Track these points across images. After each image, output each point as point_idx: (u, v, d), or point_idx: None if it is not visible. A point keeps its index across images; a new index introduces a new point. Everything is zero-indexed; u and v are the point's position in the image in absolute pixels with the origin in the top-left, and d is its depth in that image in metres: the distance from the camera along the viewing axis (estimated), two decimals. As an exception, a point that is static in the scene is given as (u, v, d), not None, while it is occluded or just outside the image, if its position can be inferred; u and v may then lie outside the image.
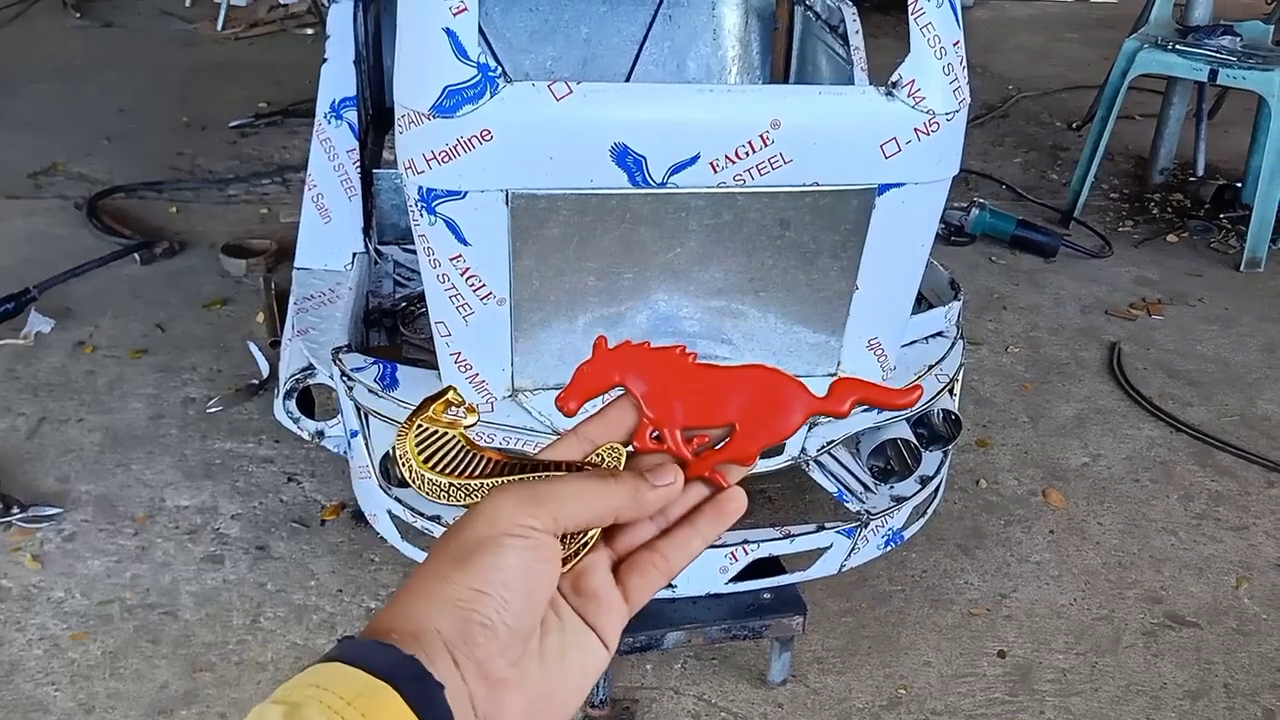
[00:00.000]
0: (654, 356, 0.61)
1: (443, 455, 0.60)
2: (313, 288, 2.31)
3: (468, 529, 0.54)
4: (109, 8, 6.38)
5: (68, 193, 3.92)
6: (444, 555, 0.54)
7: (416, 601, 0.53)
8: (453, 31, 1.57)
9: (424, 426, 0.60)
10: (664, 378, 0.61)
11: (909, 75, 1.70)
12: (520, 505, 0.54)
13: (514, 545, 0.53)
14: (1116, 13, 7.16)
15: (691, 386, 0.61)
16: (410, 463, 0.59)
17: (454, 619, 0.51)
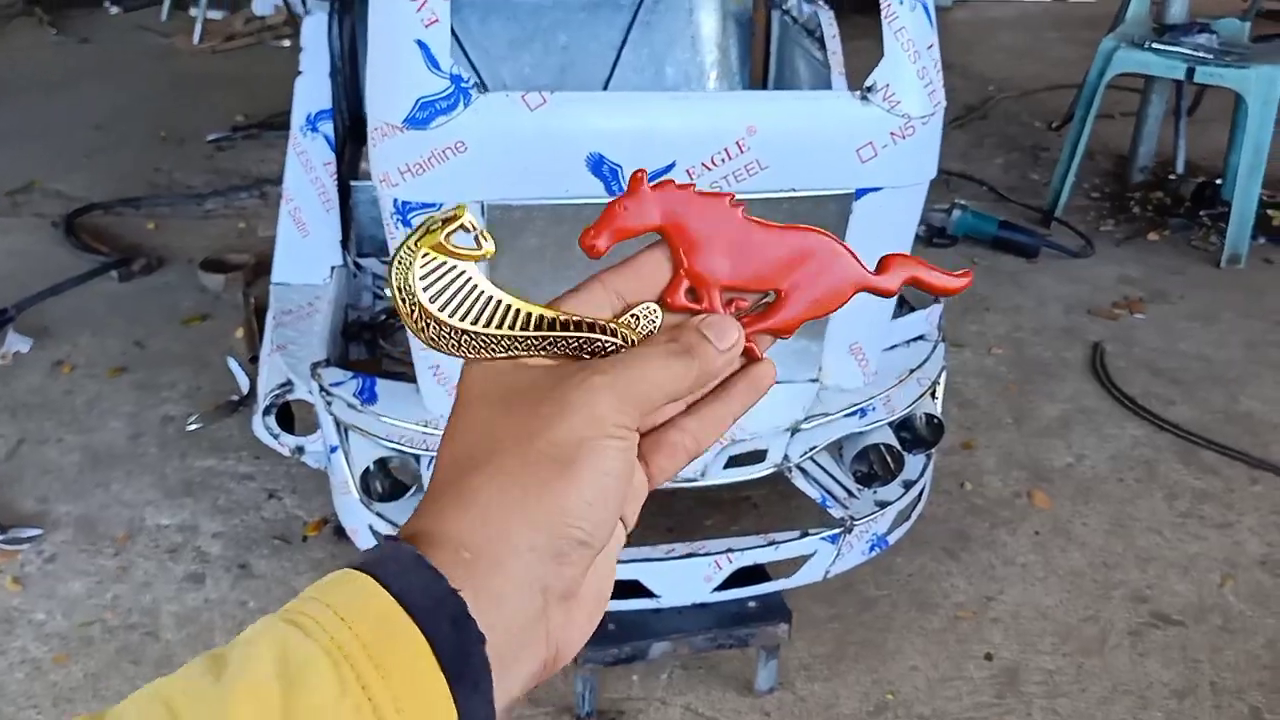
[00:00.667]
0: (701, 202, 0.53)
1: (452, 295, 0.48)
2: (291, 302, 2.30)
3: (562, 425, 0.46)
4: (85, 23, 6.36)
5: (45, 210, 3.89)
6: (533, 452, 0.45)
7: (502, 510, 0.44)
8: (424, 43, 1.56)
9: (431, 256, 0.48)
10: (709, 227, 0.53)
11: (884, 80, 1.70)
12: (621, 402, 0.46)
13: (617, 449, 0.46)
14: (1096, 11, 7.18)
15: (738, 241, 0.53)
16: (414, 301, 0.48)
17: (552, 536, 0.44)
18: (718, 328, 0.51)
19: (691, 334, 0.51)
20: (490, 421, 0.48)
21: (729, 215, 0.53)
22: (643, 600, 1.92)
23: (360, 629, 0.39)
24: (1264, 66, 3.67)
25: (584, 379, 0.47)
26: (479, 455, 0.46)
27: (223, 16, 6.32)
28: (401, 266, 0.48)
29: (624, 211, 0.52)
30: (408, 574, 0.41)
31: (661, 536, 2.24)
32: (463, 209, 0.48)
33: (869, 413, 2.04)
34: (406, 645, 0.39)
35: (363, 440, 1.94)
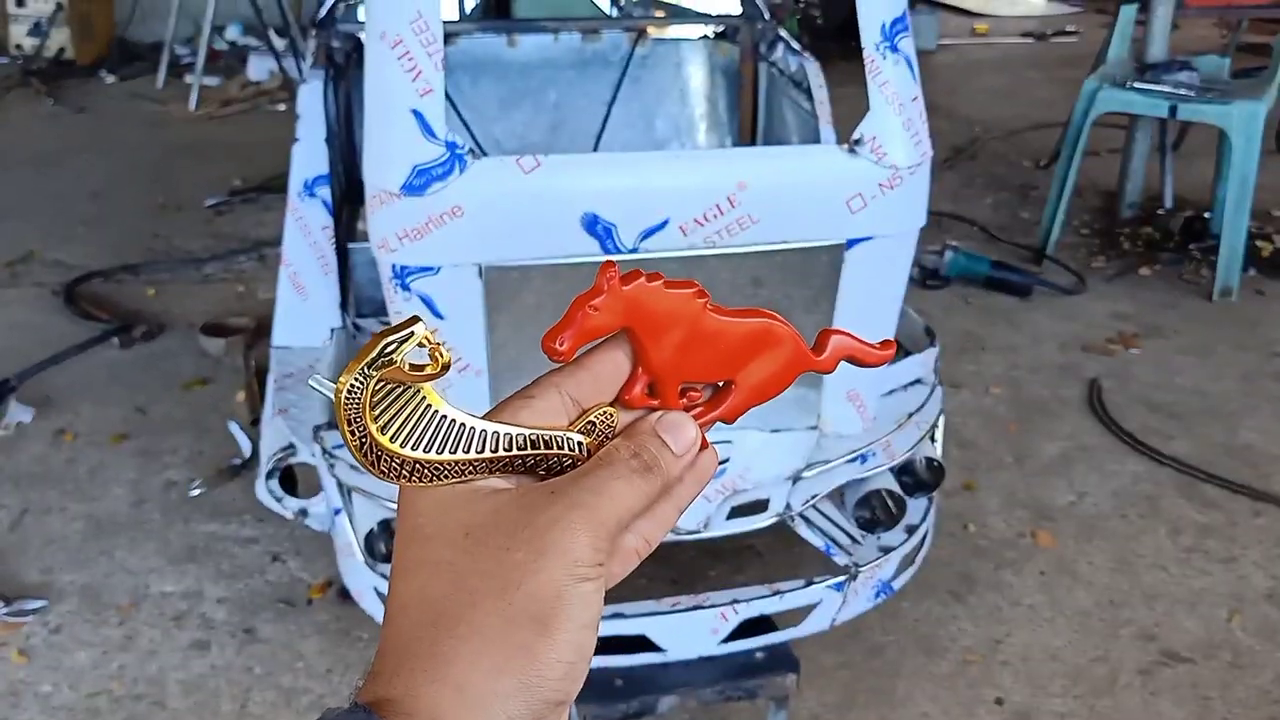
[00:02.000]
0: (667, 297, 0.51)
1: (404, 423, 0.46)
2: (291, 365, 2.31)
3: (540, 575, 0.43)
4: (81, 93, 6.44)
5: (45, 280, 3.92)
6: (510, 609, 0.43)
7: (479, 678, 0.42)
8: (419, 112, 1.59)
9: (384, 384, 0.45)
10: (671, 321, 0.51)
11: (870, 132, 1.73)
12: (596, 538, 0.44)
13: (594, 590, 0.44)
14: (1075, 51, 7.30)
15: (697, 332, 0.51)
16: (364, 434, 0.45)
17: (531, 702, 0.42)
18: (675, 430, 0.50)
19: (651, 442, 0.49)
20: (456, 566, 0.45)
21: (696, 309, 0.51)
22: (649, 655, 1.92)
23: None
24: (1245, 102, 3.72)
25: (558, 516, 0.45)
26: (451, 610, 0.44)
27: (218, 83, 6.40)
28: (353, 397, 0.45)
29: (593, 314, 0.50)
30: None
31: (666, 589, 2.24)
32: (418, 321, 0.45)
33: (869, 458, 2.05)
34: None
35: (366, 502, 1.95)
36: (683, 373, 0.52)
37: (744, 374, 0.53)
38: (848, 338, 0.55)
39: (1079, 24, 8.33)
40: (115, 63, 6.85)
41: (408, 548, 0.46)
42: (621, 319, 0.50)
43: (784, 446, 1.99)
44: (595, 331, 0.50)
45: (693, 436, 0.50)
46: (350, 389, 0.45)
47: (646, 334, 0.51)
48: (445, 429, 0.46)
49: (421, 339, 0.44)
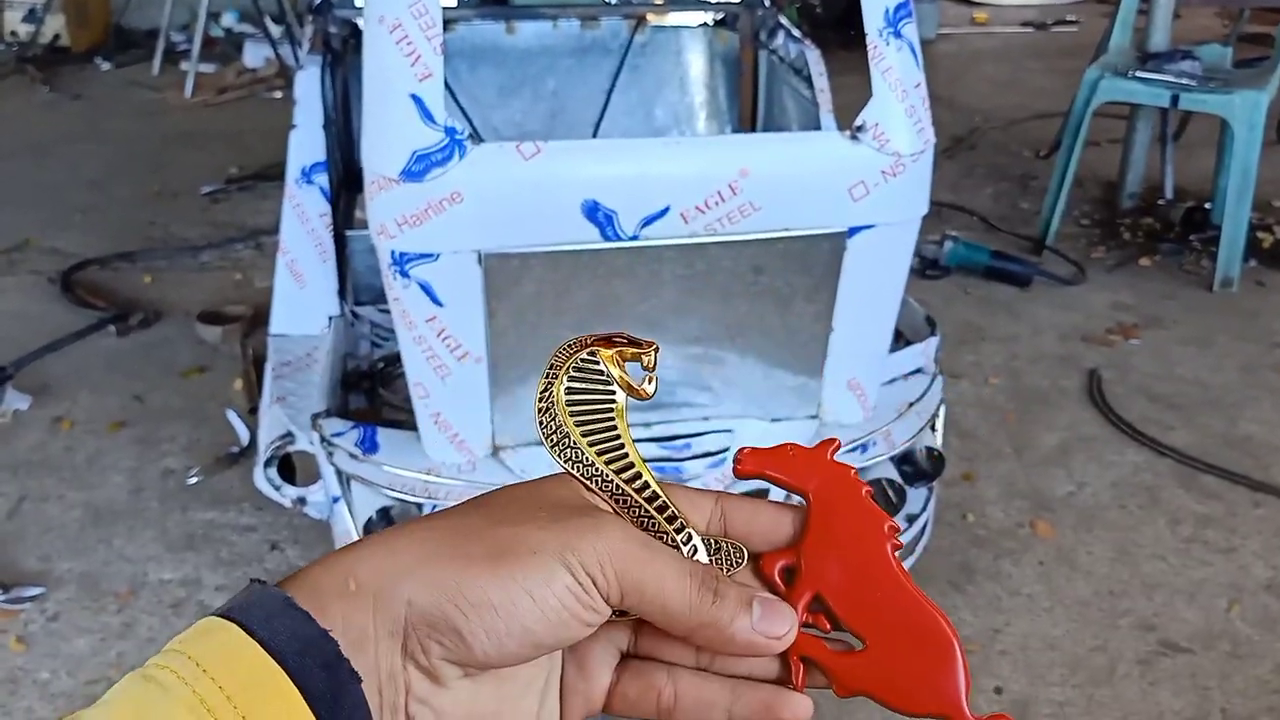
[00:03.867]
0: (861, 506, 0.48)
1: (587, 413, 0.47)
2: (289, 353, 2.30)
3: (538, 532, 0.43)
4: (77, 80, 6.41)
5: (41, 268, 3.91)
6: (489, 532, 0.43)
7: (405, 556, 0.42)
8: (419, 97, 1.58)
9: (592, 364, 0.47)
10: (850, 532, 0.47)
11: (873, 119, 1.72)
12: (602, 557, 0.42)
13: (564, 585, 0.42)
14: (1076, 41, 7.28)
15: (867, 566, 0.47)
16: (552, 402, 0.47)
17: (435, 602, 0.41)
18: (773, 611, 0.45)
19: (739, 590, 0.45)
20: (501, 494, 0.46)
21: (879, 537, 0.47)
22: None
23: (225, 680, 0.37)
24: (1247, 91, 3.71)
25: (596, 521, 0.44)
26: (456, 510, 0.45)
27: (214, 70, 6.37)
28: (571, 351, 0.47)
29: (793, 458, 0.48)
30: (275, 619, 0.39)
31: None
32: (656, 347, 0.47)
33: (869, 448, 2.04)
34: (274, 694, 0.37)
35: (365, 490, 1.94)
36: (829, 587, 0.47)
37: (884, 648, 0.46)
38: None
39: (1080, 13, 8.31)
40: (111, 50, 6.81)
41: None
42: (808, 486, 0.48)
43: (784, 435, 1.98)
44: (780, 466, 0.49)
45: (781, 630, 0.45)
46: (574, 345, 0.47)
47: (820, 519, 0.48)
48: (609, 436, 0.47)
49: (647, 362, 0.47)
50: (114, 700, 0.37)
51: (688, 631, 0.45)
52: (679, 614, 0.44)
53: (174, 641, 0.39)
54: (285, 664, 0.38)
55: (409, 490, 1.89)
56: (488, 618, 0.41)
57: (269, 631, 0.38)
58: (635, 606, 0.44)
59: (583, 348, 0.47)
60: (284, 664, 0.38)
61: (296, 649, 0.38)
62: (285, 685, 0.37)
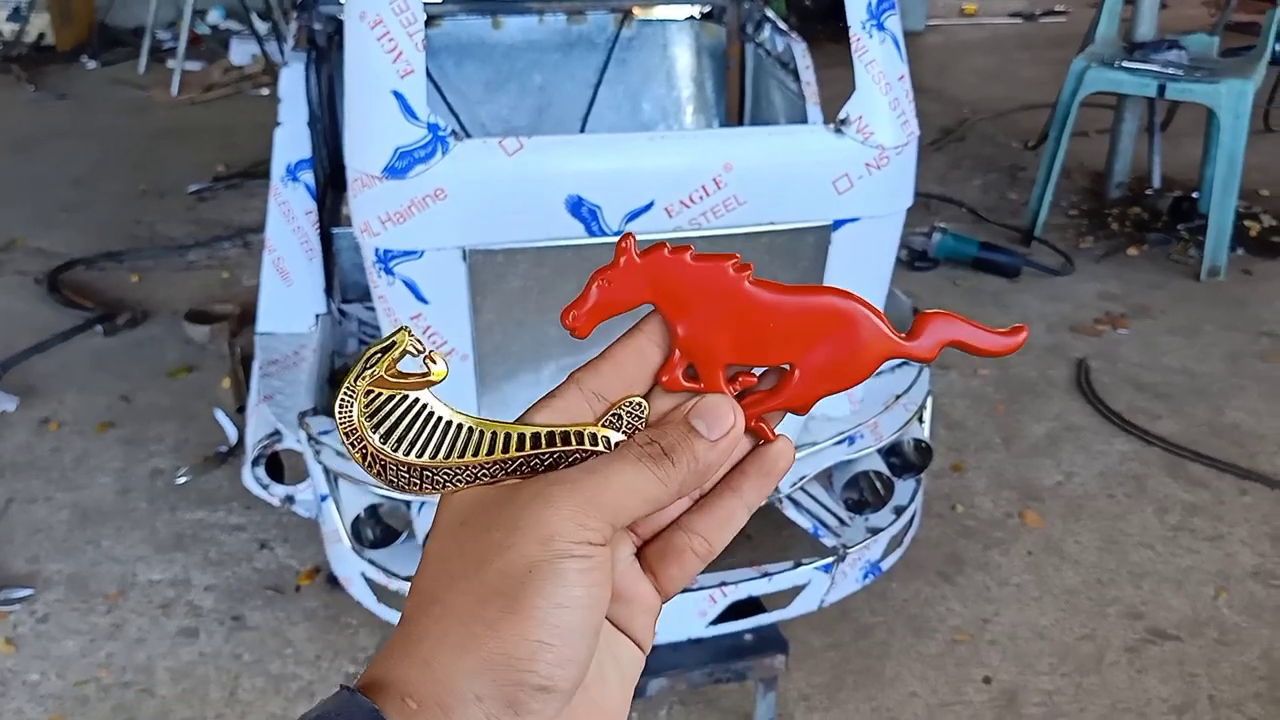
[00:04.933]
0: (697, 269, 0.47)
1: (406, 430, 0.45)
2: (276, 352, 2.30)
3: (510, 550, 0.42)
4: (62, 79, 6.38)
5: (27, 268, 3.89)
6: (480, 586, 0.42)
7: (445, 655, 0.41)
8: (400, 94, 1.57)
9: (376, 392, 0.45)
10: (707, 297, 0.47)
11: (856, 111, 1.72)
12: (577, 516, 0.42)
13: (576, 571, 0.41)
14: (1064, 31, 7.29)
15: (742, 310, 0.47)
16: (363, 444, 0.45)
17: (502, 682, 0.41)
18: (710, 414, 0.46)
19: (674, 429, 0.46)
20: (444, 552, 0.44)
21: (731, 282, 0.47)
22: (639, 638, 1.91)
23: None
24: (1234, 80, 3.71)
25: (536, 492, 0.43)
26: (432, 592, 0.44)
27: (201, 67, 6.35)
28: (344, 409, 0.45)
29: (607, 285, 0.47)
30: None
31: (655, 572, 2.24)
32: (403, 334, 0.45)
33: (857, 440, 2.05)
34: None
35: (352, 488, 1.94)
36: (727, 354, 0.47)
37: (807, 358, 0.47)
38: (957, 324, 0.49)
39: (1067, 3, 8.32)
40: (96, 48, 6.78)
41: (425, 544, 0.47)
42: (642, 293, 0.47)
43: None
44: (611, 306, 0.47)
45: (729, 422, 0.46)
46: (341, 404, 0.45)
47: (675, 311, 0.47)
48: (452, 434, 0.46)
49: (410, 348, 0.45)
50: None
51: (676, 499, 0.45)
52: (663, 498, 0.44)
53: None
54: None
55: (397, 487, 1.89)
56: (549, 656, 0.41)
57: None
58: (626, 522, 0.44)
59: (352, 395, 0.45)
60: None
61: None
62: None
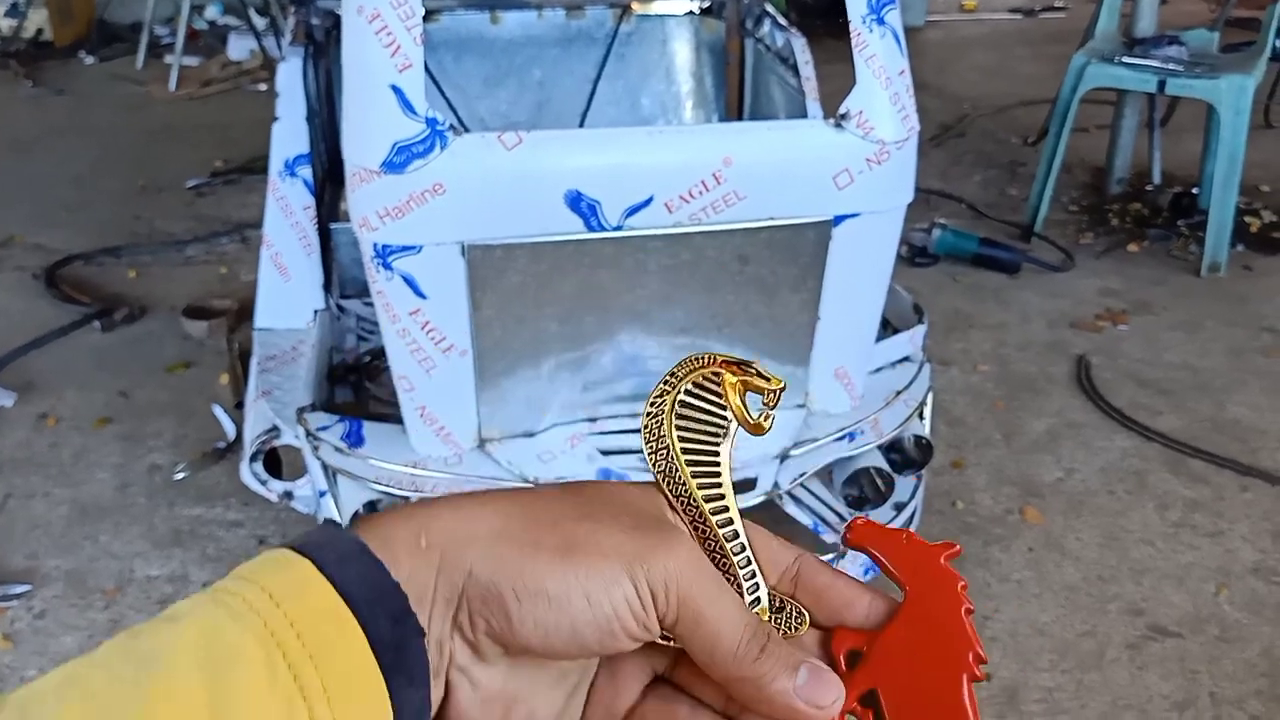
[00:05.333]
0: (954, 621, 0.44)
1: (693, 432, 0.46)
2: (274, 347, 2.29)
3: (610, 530, 0.42)
4: (61, 75, 6.36)
5: (25, 264, 3.88)
6: (560, 523, 0.42)
7: (478, 524, 0.41)
8: (399, 88, 1.57)
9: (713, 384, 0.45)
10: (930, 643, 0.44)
11: (856, 106, 1.71)
12: (682, 582, 0.42)
13: (623, 596, 0.41)
14: (1063, 27, 7.27)
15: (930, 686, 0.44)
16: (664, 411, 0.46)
17: (493, 581, 0.40)
18: (820, 680, 0.44)
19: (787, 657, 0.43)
20: (559, 493, 0.45)
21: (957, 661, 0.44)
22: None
23: (295, 615, 0.37)
24: (1234, 76, 3.70)
25: (676, 537, 0.43)
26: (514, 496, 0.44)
27: (199, 63, 6.34)
28: (695, 366, 0.46)
29: (905, 545, 0.46)
30: (348, 563, 0.39)
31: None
32: (781, 385, 0.44)
33: (857, 436, 2.04)
34: (341, 636, 0.37)
35: (351, 484, 1.93)
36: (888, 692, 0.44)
37: None
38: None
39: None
40: (94, 44, 6.76)
41: None
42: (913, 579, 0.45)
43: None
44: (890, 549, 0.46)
45: (825, 703, 0.43)
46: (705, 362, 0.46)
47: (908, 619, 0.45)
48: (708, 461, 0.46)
49: (769, 397, 0.45)
50: (182, 618, 0.36)
51: (726, 678, 0.43)
52: (724, 658, 0.43)
53: (243, 569, 0.39)
54: (355, 609, 0.37)
55: (395, 483, 1.89)
56: (540, 608, 0.40)
57: (341, 574, 0.38)
58: (684, 637, 0.43)
59: (709, 365, 0.45)
60: (354, 609, 0.37)
61: (367, 596, 0.38)
62: (353, 629, 0.37)
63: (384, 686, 0.37)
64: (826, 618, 0.47)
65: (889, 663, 0.45)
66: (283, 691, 0.35)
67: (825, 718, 0.43)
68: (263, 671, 0.35)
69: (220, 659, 0.35)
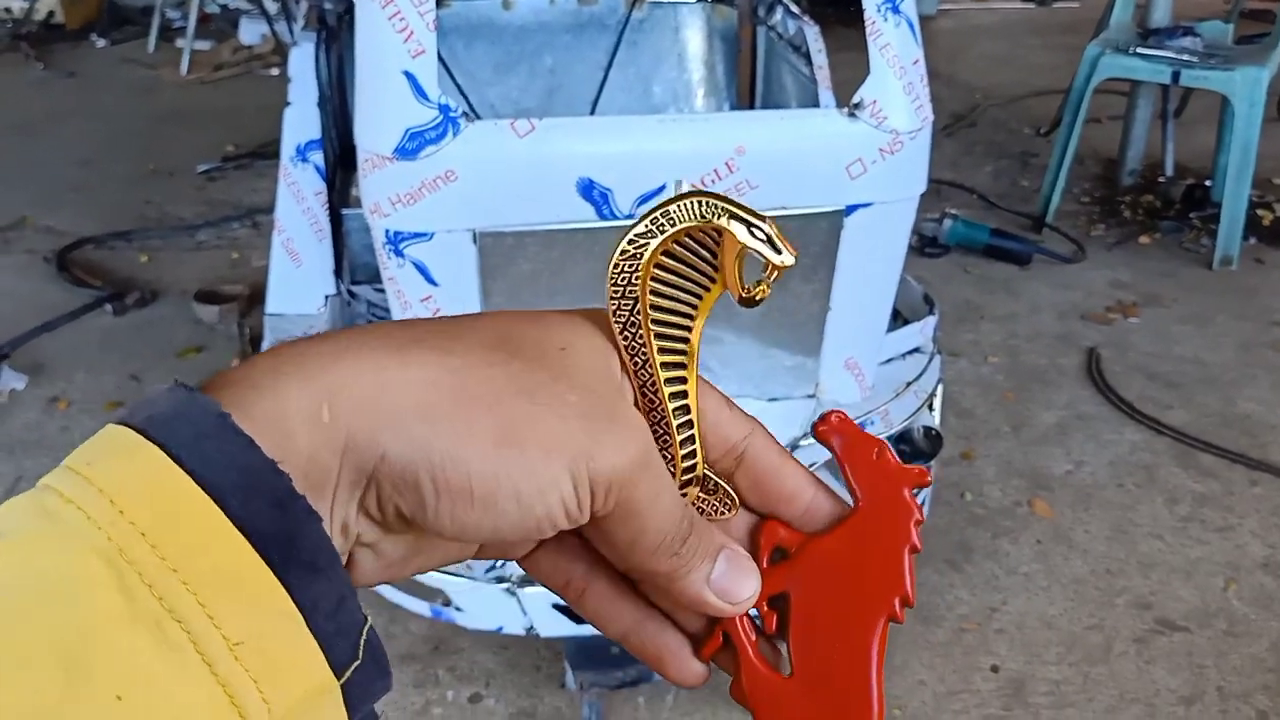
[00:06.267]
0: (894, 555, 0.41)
1: (671, 287, 0.39)
2: (285, 333, 2.29)
3: (555, 413, 0.35)
4: (72, 58, 6.37)
5: (37, 247, 3.89)
6: (497, 399, 0.35)
7: (398, 396, 0.34)
8: (412, 74, 1.56)
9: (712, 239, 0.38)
10: (862, 567, 0.41)
11: (870, 96, 1.70)
12: (627, 482, 0.36)
13: (560, 498, 0.35)
14: (1077, 17, 7.23)
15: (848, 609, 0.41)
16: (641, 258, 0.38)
17: (410, 469, 0.33)
18: (740, 571, 0.41)
19: (709, 537, 0.40)
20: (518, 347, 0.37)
21: (884, 594, 0.41)
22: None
23: (146, 523, 0.29)
24: (1248, 68, 3.68)
25: (625, 423, 0.37)
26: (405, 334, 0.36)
27: (210, 47, 6.34)
28: (697, 211, 0.38)
29: (874, 461, 0.42)
30: (206, 441, 0.30)
31: (663, 557, 2.23)
32: (791, 258, 0.37)
33: (867, 428, 2.03)
34: (211, 539, 0.29)
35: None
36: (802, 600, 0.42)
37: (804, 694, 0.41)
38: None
39: (1080, -11, 8.26)
40: (105, 26, 6.77)
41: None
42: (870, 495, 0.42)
43: (781, 415, 1.97)
44: (857, 458, 0.42)
45: (739, 599, 0.40)
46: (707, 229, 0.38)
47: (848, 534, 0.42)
48: (677, 330, 0.40)
49: (772, 272, 0.37)
50: (8, 534, 0.29)
51: (639, 569, 0.39)
52: (643, 552, 0.38)
53: (76, 457, 0.31)
54: (224, 503, 0.30)
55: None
56: (460, 505, 0.34)
57: (199, 459, 0.30)
58: (608, 527, 0.37)
59: (714, 216, 0.37)
60: (222, 503, 0.30)
61: (236, 482, 0.30)
62: (222, 525, 0.30)
63: (274, 581, 0.30)
64: (762, 504, 0.42)
65: (812, 572, 0.42)
66: (147, 617, 0.28)
67: (735, 613, 0.41)
68: (117, 598, 0.28)
69: (61, 588, 0.27)
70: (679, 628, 0.43)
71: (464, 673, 2.12)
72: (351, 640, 0.32)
